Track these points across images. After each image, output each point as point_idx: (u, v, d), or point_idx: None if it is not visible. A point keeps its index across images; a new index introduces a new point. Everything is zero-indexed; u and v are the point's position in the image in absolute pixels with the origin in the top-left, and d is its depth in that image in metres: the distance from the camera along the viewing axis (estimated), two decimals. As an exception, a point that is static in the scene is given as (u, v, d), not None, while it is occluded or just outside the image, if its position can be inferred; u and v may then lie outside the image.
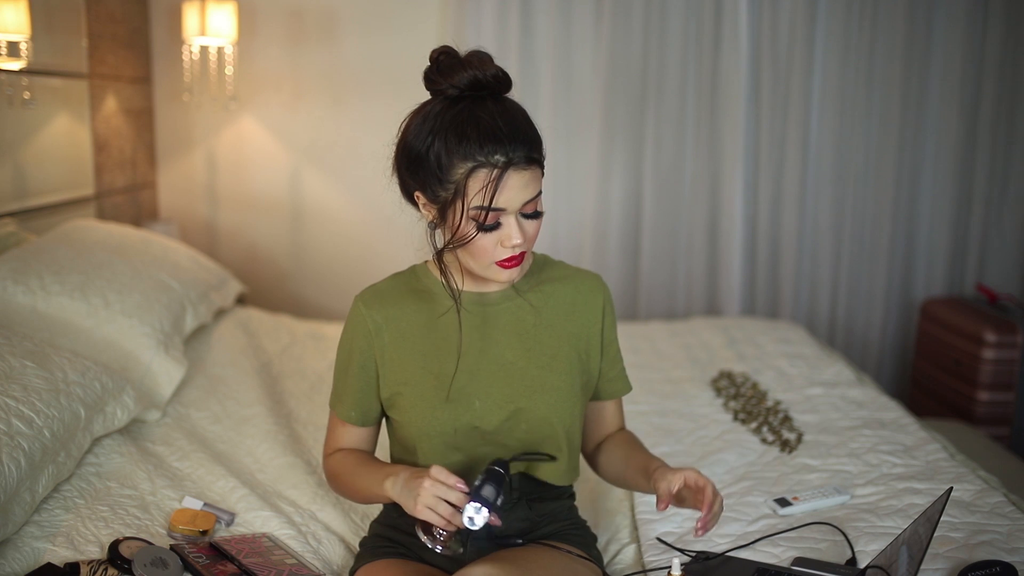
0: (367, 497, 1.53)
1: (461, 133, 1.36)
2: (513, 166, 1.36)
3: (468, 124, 1.36)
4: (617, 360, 1.63)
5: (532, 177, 1.39)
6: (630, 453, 1.59)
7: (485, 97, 1.39)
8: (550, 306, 1.56)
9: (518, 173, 1.37)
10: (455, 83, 1.38)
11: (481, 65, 1.38)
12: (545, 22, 3.52)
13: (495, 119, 1.36)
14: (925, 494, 1.83)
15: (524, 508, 1.55)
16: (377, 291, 1.56)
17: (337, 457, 1.60)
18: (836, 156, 3.62)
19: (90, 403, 1.84)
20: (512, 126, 1.37)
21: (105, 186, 3.22)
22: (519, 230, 1.40)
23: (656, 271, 3.69)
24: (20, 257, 2.31)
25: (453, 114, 1.37)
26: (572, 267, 1.62)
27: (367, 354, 1.54)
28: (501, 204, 1.37)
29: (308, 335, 2.95)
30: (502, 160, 1.35)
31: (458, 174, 1.37)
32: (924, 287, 3.74)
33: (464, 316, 1.51)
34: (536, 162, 1.39)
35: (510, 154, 1.35)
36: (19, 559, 1.53)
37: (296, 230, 3.73)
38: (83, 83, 3.05)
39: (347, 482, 1.56)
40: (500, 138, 1.35)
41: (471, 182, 1.36)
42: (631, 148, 3.63)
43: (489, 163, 1.35)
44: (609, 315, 1.59)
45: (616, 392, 1.64)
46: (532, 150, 1.38)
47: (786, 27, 3.52)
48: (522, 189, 1.38)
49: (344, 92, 3.62)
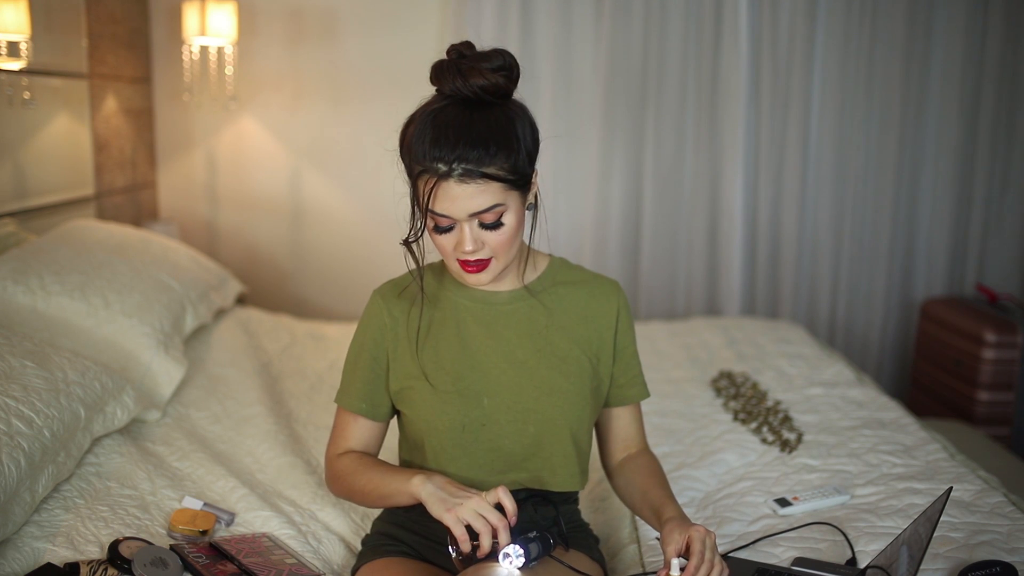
0: (380, 496, 1.49)
1: (421, 132, 1.38)
2: (454, 177, 1.36)
3: (433, 127, 1.37)
4: (631, 366, 1.61)
5: (481, 190, 1.37)
6: (649, 488, 1.55)
7: (470, 103, 1.38)
8: (563, 309, 1.56)
9: (461, 185, 1.36)
10: (441, 88, 1.40)
11: (470, 75, 1.37)
12: (545, 22, 3.52)
13: (459, 127, 1.35)
14: (925, 494, 1.83)
15: (530, 510, 1.55)
16: (396, 284, 1.58)
17: (349, 458, 1.56)
18: (836, 156, 3.62)
19: (90, 403, 1.84)
20: (469, 137, 1.35)
21: (105, 186, 3.22)
22: (470, 238, 1.40)
23: (656, 271, 3.69)
24: (20, 257, 2.31)
25: (429, 111, 1.39)
26: (590, 272, 1.62)
27: (380, 347, 1.55)
28: (443, 211, 1.38)
29: (308, 335, 2.95)
30: (443, 169, 1.35)
31: (415, 171, 1.40)
32: (924, 287, 3.74)
33: (471, 313, 1.53)
34: (489, 176, 1.36)
35: (452, 165, 1.35)
36: (19, 559, 1.53)
37: (296, 230, 3.73)
38: (83, 83, 3.05)
39: (358, 481, 1.52)
40: (450, 147, 1.35)
41: (419, 183, 1.40)
42: (631, 148, 3.62)
43: (431, 169, 1.37)
44: (624, 321, 1.59)
45: (628, 399, 1.62)
46: (484, 164, 1.35)
47: (786, 27, 3.52)
48: (467, 200, 1.37)
49: (344, 92, 3.62)
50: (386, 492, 1.49)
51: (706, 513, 1.82)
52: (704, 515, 1.81)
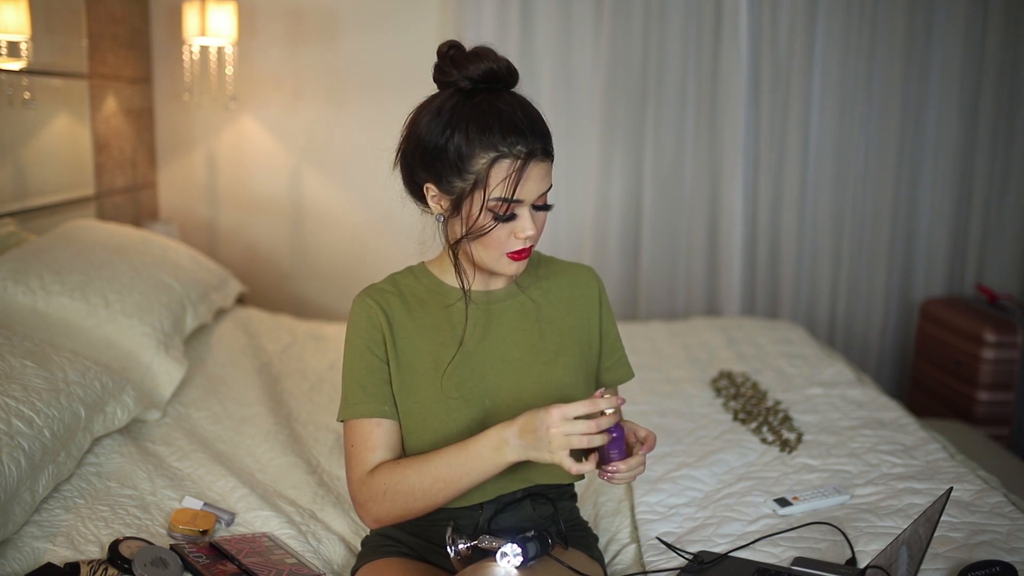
0: (470, 482, 1.41)
1: (484, 124, 1.37)
2: (534, 158, 1.38)
3: (490, 115, 1.37)
4: (616, 348, 1.63)
5: (548, 170, 1.41)
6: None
7: (501, 90, 1.41)
8: (550, 301, 1.57)
9: (538, 165, 1.39)
10: (469, 75, 1.40)
11: (494, 57, 1.40)
12: (545, 22, 3.52)
13: (515, 111, 1.38)
14: (925, 494, 1.83)
15: (528, 507, 1.55)
16: (379, 289, 1.55)
17: (386, 468, 1.44)
18: (836, 156, 3.62)
19: (90, 403, 1.84)
20: (531, 118, 1.39)
21: (105, 186, 3.22)
22: (531, 222, 1.41)
23: (656, 271, 3.69)
24: (20, 257, 2.31)
25: (472, 105, 1.38)
26: (564, 261, 1.64)
27: (380, 344, 1.49)
28: (521, 195, 1.39)
29: (308, 335, 2.96)
30: (524, 151, 1.37)
31: (479, 164, 1.38)
32: (924, 287, 3.74)
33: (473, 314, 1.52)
34: (551, 155, 1.42)
35: (531, 145, 1.37)
36: (19, 559, 1.53)
37: (296, 230, 3.73)
38: (83, 83, 3.05)
39: (419, 482, 1.42)
40: (522, 129, 1.37)
41: (493, 172, 1.38)
42: (631, 148, 3.63)
43: (512, 154, 1.37)
44: (605, 304, 1.61)
45: (616, 379, 1.63)
46: (548, 143, 1.41)
47: (786, 27, 3.53)
48: (540, 181, 1.40)
49: (344, 92, 3.62)
50: (461, 479, 1.40)
51: (706, 513, 1.82)
52: (704, 515, 1.81)
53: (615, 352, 1.63)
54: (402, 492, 1.43)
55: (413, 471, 1.43)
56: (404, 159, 1.47)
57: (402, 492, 1.43)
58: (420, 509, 1.45)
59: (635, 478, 1.42)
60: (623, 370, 1.64)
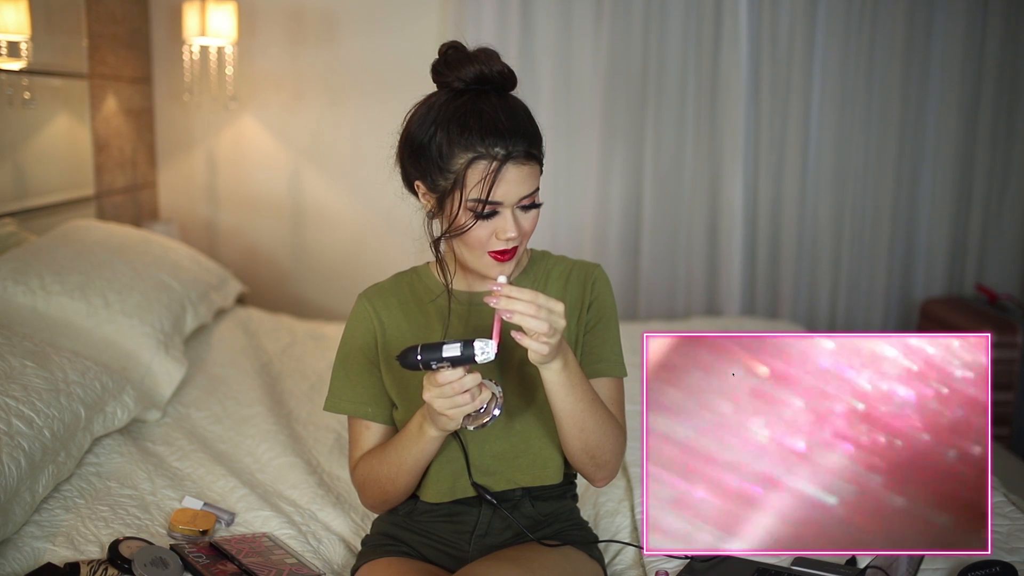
0: (413, 464, 1.46)
1: (463, 124, 1.37)
2: (512, 159, 1.37)
3: (471, 116, 1.37)
4: (607, 340, 1.54)
5: (530, 172, 1.40)
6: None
7: (489, 91, 1.41)
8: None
9: (517, 167, 1.38)
10: (461, 76, 1.40)
11: (488, 61, 1.40)
12: (545, 22, 3.52)
13: (497, 112, 1.38)
14: (925, 494, 1.83)
15: (527, 506, 1.55)
16: (380, 289, 1.57)
17: (363, 461, 1.54)
18: (836, 156, 3.62)
19: (90, 403, 1.84)
20: (513, 120, 1.38)
21: (105, 186, 3.22)
22: (514, 223, 1.40)
23: (656, 271, 3.69)
24: (20, 257, 2.32)
25: (457, 105, 1.39)
26: (572, 260, 1.60)
27: (372, 349, 1.54)
28: (498, 197, 1.38)
29: (308, 335, 2.95)
30: (501, 153, 1.36)
31: (458, 164, 1.38)
32: (924, 287, 3.74)
33: (457, 316, 1.52)
34: (535, 158, 1.40)
35: (509, 147, 1.36)
36: (19, 559, 1.54)
37: (296, 230, 3.73)
38: (83, 83, 3.05)
39: (382, 472, 1.49)
40: (501, 131, 1.36)
41: (470, 173, 1.37)
42: (631, 148, 3.63)
43: (489, 155, 1.36)
44: (602, 293, 1.55)
45: (597, 372, 1.53)
46: (531, 145, 1.39)
47: (786, 27, 3.53)
48: (520, 183, 1.39)
49: (344, 92, 3.62)
50: (414, 459, 1.45)
51: (706, 513, 1.82)
52: (704, 515, 1.81)
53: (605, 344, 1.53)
54: (374, 480, 1.52)
55: (378, 460, 1.51)
56: (399, 156, 1.48)
57: (374, 480, 1.52)
58: (394, 492, 1.52)
59: (543, 332, 1.31)
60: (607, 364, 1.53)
